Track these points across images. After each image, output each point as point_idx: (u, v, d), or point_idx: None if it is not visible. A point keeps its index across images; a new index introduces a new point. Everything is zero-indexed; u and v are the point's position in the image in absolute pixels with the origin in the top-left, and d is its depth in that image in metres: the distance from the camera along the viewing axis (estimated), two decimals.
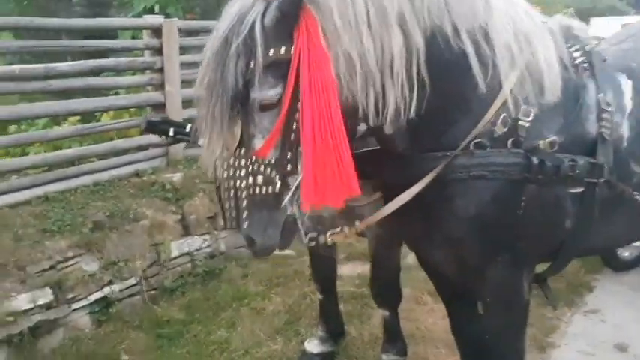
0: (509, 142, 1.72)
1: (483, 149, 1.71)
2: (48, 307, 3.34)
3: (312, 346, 3.18)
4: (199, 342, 3.47)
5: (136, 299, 3.82)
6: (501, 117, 1.72)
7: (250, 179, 1.54)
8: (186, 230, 4.27)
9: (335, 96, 1.49)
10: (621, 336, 3.46)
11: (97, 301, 3.59)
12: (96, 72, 4.42)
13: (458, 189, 1.74)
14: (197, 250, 4.29)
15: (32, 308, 3.25)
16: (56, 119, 4.78)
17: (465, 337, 2.32)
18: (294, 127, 1.52)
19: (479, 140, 1.70)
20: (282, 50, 1.48)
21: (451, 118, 1.72)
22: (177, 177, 4.39)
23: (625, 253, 4.35)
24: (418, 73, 1.61)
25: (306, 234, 1.71)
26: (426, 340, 3.38)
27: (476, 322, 2.08)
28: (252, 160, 1.54)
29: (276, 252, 1.71)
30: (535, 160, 1.70)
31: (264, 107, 1.52)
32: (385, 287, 2.85)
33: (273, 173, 1.55)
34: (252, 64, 1.47)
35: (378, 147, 1.87)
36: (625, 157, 1.89)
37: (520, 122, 1.72)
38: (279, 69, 1.49)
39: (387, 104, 1.60)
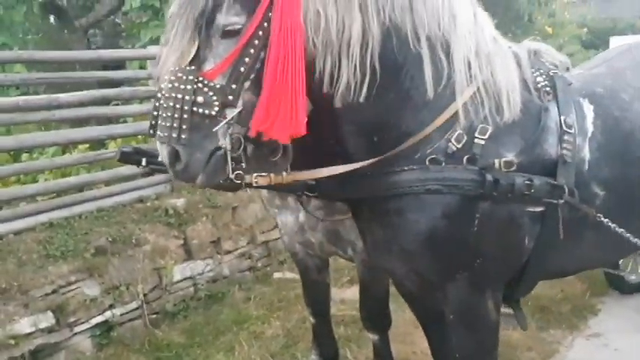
0: (465, 158, 1.75)
1: (438, 164, 1.74)
2: (50, 330, 3.43)
3: None
4: None
5: (137, 323, 3.88)
6: (456, 133, 1.76)
7: (193, 96, 1.58)
8: (189, 255, 4.34)
9: (301, 41, 1.57)
10: None
11: (98, 325, 3.67)
12: (105, 102, 4.59)
13: (411, 202, 1.78)
14: (200, 274, 4.35)
15: (34, 332, 3.34)
16: (67, 147, 4.93)
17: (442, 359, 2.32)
18: (246, 60, 1.59)
19: (433, 156, 1.75)
20: None
21: (396, 118, 1.77)
22: (180, 202, 4.46)
23: (632, 276, 4.29)
24: (371, 61, 1.68)
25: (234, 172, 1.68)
26: None
27: (449, 344, 2.08)
28: (199, 80, 1.58)
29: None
30: (490, 178, 1.73)
31: (225, 34, 1.60)
32: (374, 311, 2.86)
33: (215, 97, 1.59)
34: None
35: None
36: (587, 180, 1.91)
37: (476, 140, 1.76)
38: (249, 2, 1.59)
39: (341, 77, 1.67)
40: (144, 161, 2.07)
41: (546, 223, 1.85)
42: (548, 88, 1.93)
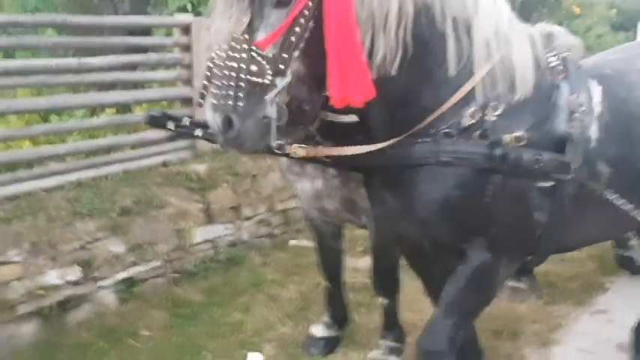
0: (476, 133, 1.85)
1: (450, 138, 1.85)
2: (76, 283, 3.61)
3: (318, 330, 3.35)
4: (214, 323, 3.68)
5: (159, 281, 4.05)
6: (471, 110, 1.86)
7: (245, 65, 1.63)
8: (210, 218, 4.48)
9: (353, 9, 1.66)
10: (626, 336, 3.48)
11: (121, 280, 3.84)
12: (131, 67, 4.71)
13: (424, 173, 1.89)
14: (219, 237, 4.50)
15: (62, 284, 3.52)
16: (95, 110, 5.08)
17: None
18: (297, 30, 1.66)
19: (447, 130, 1.85)
20: None
21: (418, 94, 1.88)
22: (202, 168, 4.60)
23: None
24: (404, 36, 1.77)
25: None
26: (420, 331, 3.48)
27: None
28: (253, 49, 1.64)
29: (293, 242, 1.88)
30: (498, 152, 1.83)
31: (278, 4, 1.66)
32: (384, 277, 2.98)
33: (267, 66, 1.64)
34: None
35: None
36: (593, 157, 2.00)
37: (488, 116, 1.86)
38: None
39: (378, 49, 1.75)
40: (171, 125, 2.19)
41: (555, 197, 1.95)
42: (560, 68, 2.03)
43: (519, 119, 1.90)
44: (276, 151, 1.85)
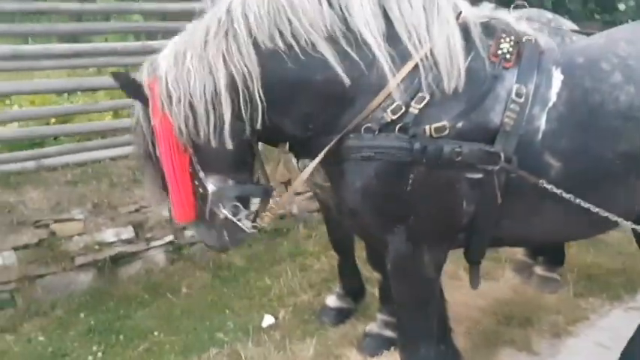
0: (397, 127, 1.89)
1: (371, 133, 1.91)
2: (129, 242, 4.09)
3: (331, 300, 3.54)
4: (246, 286, 4.01)
5: None
6: (393, 105, 1.90)
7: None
8: None
9: (166, 146, 1.97)
10: None
11: (171, 242, 4.28)
12: None
13: (350, 167, 1.98)
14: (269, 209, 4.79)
15: (115, 241, 4.01)
16: None
17: None
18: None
19: (368, 125, 1.91)
20: None
21: (331, 113, 1.98)
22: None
23: None
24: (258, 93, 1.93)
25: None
26: None
27: None
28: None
29: None
30: (417, 145, 1.87)
31: None
32: (376, 252, 3.09)
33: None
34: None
35: None
36: (539, 149, 1.93)
37: (410, 109, 1.89)
38: None
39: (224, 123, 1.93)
40: None
41: (484, 188, 1.94)
42: (508, 56, 1.97)
43: (447, 109, 1.89)
44: (255, 230, 2.13)
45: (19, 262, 3.66)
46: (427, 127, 1.88)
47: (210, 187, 2.01)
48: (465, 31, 1.98)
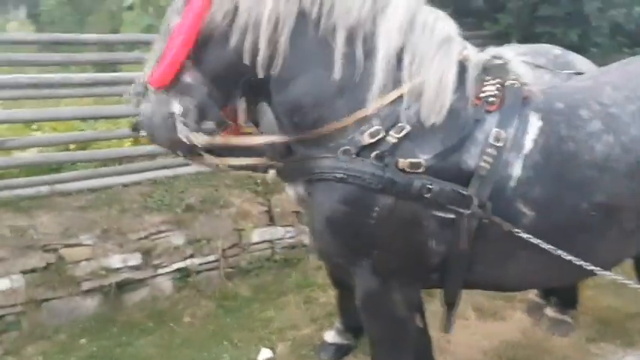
0: (374, 153, 1.86)
1: (348, 155, 1.88)
2: (137, 268, 4.12)
3: (330, 336, 3.47)
4: (250, 317, 3.98)
5: (213, 274, 4.44)
6: (373, 129, 1.87)
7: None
8: (271, 220, 4.79)
9: (196, 22, 1.92)
10: None
11: (178, 269, 4.29)
12: None
13: (321, 186, 1.95)
14: (278, 239, 4.79)
15: (122, 267, 4.05)
16: None
17: None
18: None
19: (347, 147, 1.88)
20: None
21: (310, 104, 1.95)
22: (270, 174, 4.90)
23: None
24: (283, 40, 1.91)
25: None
26: (444, 353, 3.44)
27: None
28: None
29: None
30: (388, 175, 1.83)
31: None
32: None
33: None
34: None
35: None
36: (512, 197, 1.88)
37: (389, 137, 1.86)
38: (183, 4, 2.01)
39: (260, 50, 1.92)
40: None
41: (455, 230, 1.88)
42: (492, 99, 1.93)
43: (425, 145, 1.86)
44: (185, 141, 2.02)
45: (27, 286, 3.72)
46: (402, 160, 1.85)
47: (187, 78, 1.98)
48: (462, 70, 1.96)
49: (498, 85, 1.97)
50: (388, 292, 2.02)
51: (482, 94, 1.95)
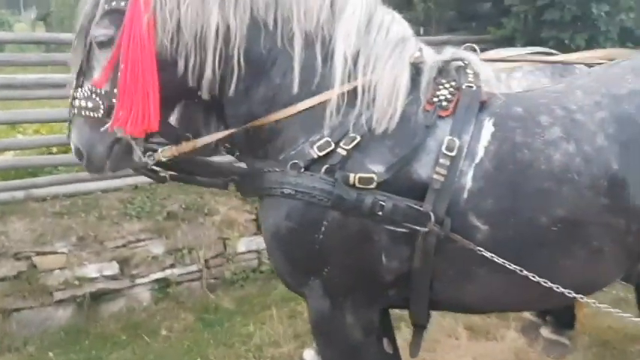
0: (324, 167, 1.70)
1: (297, 169, 1.72)
2: (113, 278, 3.95)
3: (309, 355, 3.27)
4: (229, 332, 3.79)
5: (195, 285, 4.27)
6: (322, 141, 1.71)
7: (84, 103, 1.79)
8: (259, 229, 4.58)
9: (149, 47, 1.70)
10: None
11: (157, 280, 4.11)
12: None
13: (270, 201, 1.81)
14: (265, 249, 4.59)
15: (97, 277, 3.88)
16: None
17: None
18: (122, 66, 1.73)
19: (295, 161, 1.72)
20: (122, 3, 1.75)
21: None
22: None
23: None
24: (237, 56, 1.75)
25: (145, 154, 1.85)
26: None
27: None
28: (90, 88, 1.79)
29: None
30: (337, 192, 1.67)
31: (101, 45, 1.78)
32: None
33: (101, 102, 1.77)
34: (96, 10, 1.78)
35: None
36: (464, 210, 1.69)
37: (339, 149, 1.70)
38: (116, 17, 1.75)
39: (204, 73, 1.76)
40: None
41: (412, 247, 1.71)
42: (445, 103, 1.75)
43: (376, 155, 1.70)
44: (148, 161, 1.85)
45: None
46: (352, 175, 1.67)
47: None
48: (417, 72, 1.78)
49: (452, 89, 1.78)
50: (341, 314, 1.83)
51: (434, 99, 1.76)
